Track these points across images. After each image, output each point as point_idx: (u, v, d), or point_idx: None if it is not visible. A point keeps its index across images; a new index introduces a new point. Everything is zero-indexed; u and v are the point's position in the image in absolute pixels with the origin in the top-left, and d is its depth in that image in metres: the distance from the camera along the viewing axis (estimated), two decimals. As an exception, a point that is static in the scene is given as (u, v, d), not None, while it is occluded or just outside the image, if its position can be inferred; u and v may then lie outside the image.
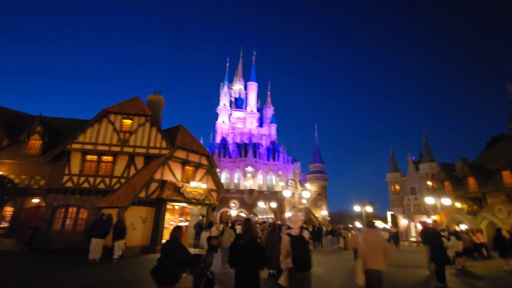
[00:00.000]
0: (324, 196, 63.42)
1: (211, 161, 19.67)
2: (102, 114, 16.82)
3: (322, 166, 65.05)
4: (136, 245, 14.90)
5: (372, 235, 5.37)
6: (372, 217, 75.71)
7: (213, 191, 19.93)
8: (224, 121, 72.54)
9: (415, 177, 34.86)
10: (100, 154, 16.46)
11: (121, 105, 17.42)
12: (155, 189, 16.09)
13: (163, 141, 17.10)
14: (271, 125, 72.15)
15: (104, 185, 16.17)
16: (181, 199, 16.66)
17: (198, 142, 19.40)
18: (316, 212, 59.39)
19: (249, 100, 73.87)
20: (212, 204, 18.78)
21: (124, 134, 16.87)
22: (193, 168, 18.72)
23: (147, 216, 15.69)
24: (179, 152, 17.56)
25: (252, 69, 78.48)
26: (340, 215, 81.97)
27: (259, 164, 59.33)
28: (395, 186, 38.69)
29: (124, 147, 16.61)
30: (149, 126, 17.29)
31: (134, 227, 15.08)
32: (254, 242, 4.58)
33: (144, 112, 17.23)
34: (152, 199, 15.82)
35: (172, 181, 16.90)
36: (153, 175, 15.93)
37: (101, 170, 16.46)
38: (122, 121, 17.14)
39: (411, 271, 11.98)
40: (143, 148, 16.81)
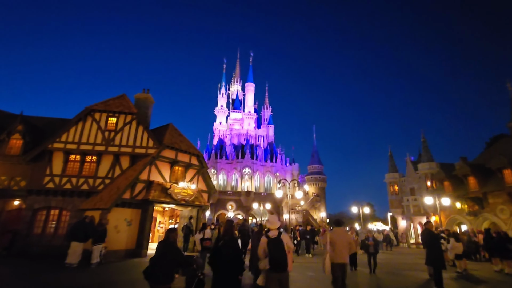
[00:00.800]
0: (323, 197, 62.64)
1: (201, 161, 18.97)
2: (85, 112, 16.14)
3: (321, 167, 64.32)
4: (120, 248, 14.16)
5: (339, 232, 6.08)
6: (373, 218, 74.86)
7: (204, 192, 19.21)
8: (221, 123, 71.91)
9: (414, 177, 34.15)
10: (83, 153, 15.76)
11: (106, 103, 16.75)
12: (141, 190, 15.37)
13: (150, 140, 16.41)
14: (269, 126, 71.51)
15: (88, 186, 15.45)
16: (169, 200, 15.94)
17: (187, 141, 18.71)
18: (314, 214, 58.57)
19: (247, 101, 73.32)
20: (202, 205, 18.06)
21: (109, 133, 16.19)
22: (182, 168, 18.01)
23: (132, 218, 14.97)
24: (167, 152, 16.86)
25: (249, 70, 78.06)
26: (339, 216, 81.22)
27: (256, 166, 58.57)
28: (394, 187, 37.94)
29: (108, 147, 15.91)
30: (135, 124, 16.61)
31: (118, 230, 14.35)
32: (232, 243, 4.67)
33: (130, 110, 16.56)
34: (137, 201, 15.10)
35: (159, 181, 16.20)
36: (139, 175, 15.22)
37: (85, 171, 15.75)
38: (107, 120, 16.44)
39: (408, 274, 11.26)
40: (128, 147, 16.12)
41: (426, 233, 8.22)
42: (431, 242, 8.03)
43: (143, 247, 14.57)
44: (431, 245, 8.03)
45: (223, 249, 4.52)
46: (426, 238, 8.14)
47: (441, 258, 7.92)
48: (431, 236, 8.09)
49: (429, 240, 8.08)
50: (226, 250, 4.51)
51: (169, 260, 4.44)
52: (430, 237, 8.07)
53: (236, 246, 4.76)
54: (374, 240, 10.50)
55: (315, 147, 65.51)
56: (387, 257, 17.51)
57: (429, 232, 8.19)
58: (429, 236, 8.08)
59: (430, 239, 8.06)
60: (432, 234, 8.18)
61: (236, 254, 4.60)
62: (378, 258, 11.09)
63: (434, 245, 7.98)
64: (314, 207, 60.00)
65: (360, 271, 11.09)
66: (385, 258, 16.51)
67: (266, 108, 76.00)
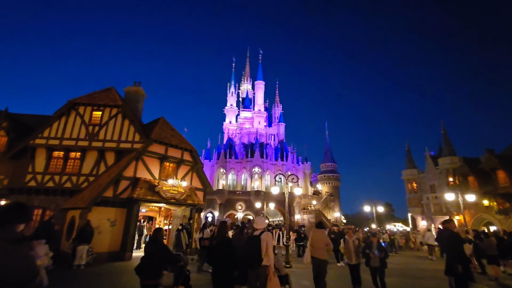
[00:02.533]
0: (337, 197, 60.00)
1: (195, 157, 17.66)
2: (68, 106, 15.24)
3: (334, 166, 61.70)
4: (102, 251, 13.03)
5: (318, 233, 6.81)
6: (392, 219, 70.89)
7: (199, 190, 17.88)
8: (231, 122, 70.91)
9: (435, 173, 31.30)
10: (66, 150, 14.86)
11: (91, 96, 15.80)
12: (125, 188, 14.24)
13: (136, 134, 15.28)
14: (280, 124, 69.71)
15: (71, 184, 14.52)
16: (156, 199, 14.71)
17: (179, 135, 17.45)
18: (328, 214, 56.13)
19: (257, 99, 71.90)
20: (196, 204, 16.73)
21: (93, 127, 15.20)
22: (174, 164, 16.77)
23: (116, 219, 13.84)
24: (155, 147, 15.67)
25: (259, 68, 76.61)
26: (356, 217, 77.93)
27: (266, 165, 56.92)
28: (412, 184, 35.09)
29: (92, 142, 14.92)
30: (121, 118, 15.54)
31: (100, 230, 13.24)
32: (225, 243, 4.95)
33: (115, 103, 15.49)
34: (122, 199, 13.97)
35: (147, 178, 15.01)
36: (123, 172, 14.10)
37: (68, 168, 14.84)
38: (92, 113, 15.47)
39: (423, 284, 9.34)
40: (113, 142, 15.05)
41: (446, 235, 6.38)
42: (452, 245, 6.19)
43: (127, 249, 13.40)
44: (452, 249, 6.20)
45: (215, 248, 4.92)
46: (445, 240, 6.30)
47: (466, 265, 6.07)
48: (452, 237, 6.24)
49: (449, 243, 6.24)
50: (218, 249, 4.86)
51: (157, 258, 4.70)
52: (451, 239, 6.23)
53: (228, 246, 4.99)
54: (380, 248, 7.23)
55: (328, 144, 62.99)
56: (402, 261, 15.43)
57: (450, 233, 6.34)
58: (450, 238, 6.24)
59: (450, 242, 6.22)
60: (453, 236, 6.34)
61: (227, 252, 4.88)
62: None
63: (455, 249, 6.13)
64: (327, 207, 57.53)
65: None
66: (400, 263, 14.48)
67: (276, 106, 74.29)
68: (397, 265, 13.45)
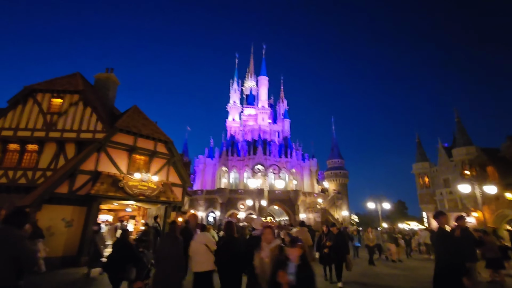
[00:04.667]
0: (345, 194, 57.18)
1: (171, 149, 15.84)
2: (25, 92, 13.69)
3: (341, 162, 58.90)
4: (55, 255, 11.32)
5: (300, 231, 8.44)
6: (405, 217, 67.43)
7: (177, 186, 16.05)
8: (234, 119, 69.16)
9: (448, 166, 28.42)
10: (22, 142, 13.29)
11: (51, 82, 14.23)
12: (84, 183, 12.54)
13: (99, 123, 13.57)
14: (284, 121, 67.45)
15: (26, 180, 12.94)
16: (121, 196, 12.96)
17: (153, 125, 15.68)
18: (335, 213, 53.47)
19: (260, 95, 69.85)
20: (172, 202, 14.89)
21: (52, 116, 13.60)
22: (145, 157, 15.01)
23: (74, 218, 12.14)
24: (122, 137, 13.93)
25: (262, 63, 74.56)
26: (369, 216, 74.65)
27: (269, 162, 54.83)
28: (423, 178, 32.23)
29: (50, 132, 13.30)
30: (82, 105, 13.85)
31: (52, 232, 11.56)
32: (232, 243, 4.90)
33: (76, 88, 13.82)
34: (79, 196, 12.27)
35: (110, 173, 13.28)
36: (82, 165, 12.42)
37: (24, 162, 13.30)
38: (51, 101, 13.87)
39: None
40: (73, 132, 13.41)
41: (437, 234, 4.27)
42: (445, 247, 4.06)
43: (86, 253, 11.66)
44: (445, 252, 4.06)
45: (222, 248, 4.90)
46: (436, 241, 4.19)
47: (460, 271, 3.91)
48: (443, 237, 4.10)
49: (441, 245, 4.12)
50: (224, 251, 4.84)
51: (122, 256, 5.64)
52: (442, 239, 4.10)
53: (235, 246, 4.88)
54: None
55: (335, 140, 60.26)
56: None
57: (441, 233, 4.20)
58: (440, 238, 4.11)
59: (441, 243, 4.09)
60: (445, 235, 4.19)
61: (234, 253, 4.76)
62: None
63: (449, 253, 3.99)
64: (335, 205, 54.84)
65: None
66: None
67: (281, 102, 72.07)
68: (403, 271, 11.18)
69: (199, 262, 5.56)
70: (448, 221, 4.49)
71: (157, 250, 5.39)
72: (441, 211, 4.62)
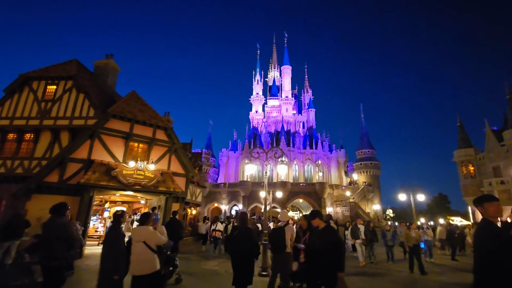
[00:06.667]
0: (377, 187, 53.13)
1: (171, 136, 14.74)
2: (20, 80, 13.32)
3: (372, 152, 54.72)
4: (46, 247, 10.78)
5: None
6: (447, 212, 61.40)
7: (179, 176, 14.97)
8: (257, 111, 67.72)
9: (499, 151, 24.25)
10: (18, 130, 12.96)
11: (46, 69, 13.76)
12: (76, 172, 11.86)
13: (91, 109, 12.78)
14: (309, 111, 64.56)
15: (22, 170, 12.55)
16: (114, 185, 12.09)
17: (152, 111, 14.66)
18: (366, 207, 49.96)
19: (284, 85, 67.55)
20: (173, 192, 13.84)
21: (46, 104, 13.09)
22: (144, 145, 14.07)
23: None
24: (117, 123, 13.08)
25: (285, 53, 71.97)
26: (406, 210, 69.37)
27: (294, 153, 52.66)
28: (468, 167, 28.08)
29: (44, 120, 12.79)
30: (75, 91, 13.16)
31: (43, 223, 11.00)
32: (246, 233, 5.08)
33: (68, 73, 13.16)
34: (71, 185, 11.60)
35: (104, 161, 12.48)
36: (72, 153, 11.74)
37: (21, 151, 12.95)
38: (46, 88, 13.38)
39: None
40: (66, 119, 12.77)
41: (479, 227, 2.38)
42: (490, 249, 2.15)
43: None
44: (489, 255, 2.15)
45: (235, 238, 5.08)
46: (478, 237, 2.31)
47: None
48: (488, 233, 2.20)
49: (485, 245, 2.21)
50: (238, 240, 5.02)
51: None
52: (487, 236, 2.19)
53: (249, 236, 5.07)
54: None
55: (364, 128, 56.12)
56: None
57: (486, 226, 2.29)
58: (485, 234, 2.21)
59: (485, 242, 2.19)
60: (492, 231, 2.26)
61: (248, 242, 4.98)
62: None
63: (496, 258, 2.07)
64: (365, 198, 51.25)
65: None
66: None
67: (306, 92, 69.10)
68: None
69: (136, 263, 4.24)
70: (500, 210, 2.49)
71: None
72: (488, 195, 2.65)
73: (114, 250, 4.51)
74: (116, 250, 4.41)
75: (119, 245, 4.55)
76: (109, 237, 4.72)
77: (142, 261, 4.34)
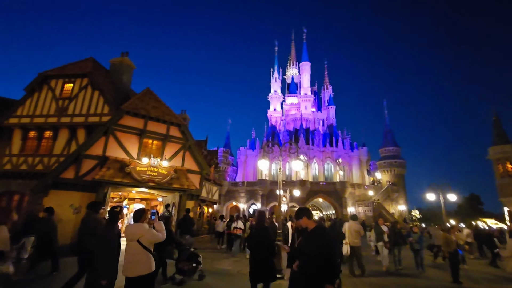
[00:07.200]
0: (402, 186, 50.64)
1: (185, 133, 14.55)
2: (39, 79, 13.67)
3: (397, 150, 52.22)
4: (63, 243, 10.87)
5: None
6: (480, 213, 57.46)
7: (193, 173, 14.75)
8: (276, 109, 66.96)
9: (542, 148, 21.97)
10: (39, 128, 13.31)
11: (63, 67, 14.04)
12: (92, 168, 11.95)
13: (106, 106, 12.84)
14: (329, 108, 62.86)
15: (42, 166, 12.86)
16: (128, 182, 12.06)
17: (165, 107, 14.54)
18: (391, 207, 47.73)
19: (302, 82, 66.21)
20: (187, 189, 13.64)
21: (63, 101, 13.33)
22: (158, 142, 13.97)
23: (81, 205, 11.61)
24: (130, 120, 13.06)
25: (303, 49, 70.51)
26: (433, 212, 65.70)
27: (313, 152, 51.44)
28: (505, 165, 25.73)
29: (61, 117, 13.02)
30: (91, 88, 13.28)
31: (60, 218, 11.10)
32: (263, 232, 5.12)
33: (84, 71, 13.30)
34: (86, 182, 11.69)
35: (119, 158, 12.48)
36: (88, 150, 11.83)
37: (42, 148, 13.27)
38: (63, 86, 13.64)
39: None
40: (82, 117, 12.92)
41: None
42: None
43: (92, 241, 11.01)
44: None
45: (254, 236, 5.19)
46: None
47: None
48: None
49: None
50: (256, 237, 5.09)
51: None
52: None
53: (266, 234, 5.11)
54: None
55: (388, 125, 53.69)
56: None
57: None
58: None
59: None
60: None
61: (265, 239, 5.02)
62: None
63: None
64: (389, 198, 48.98)
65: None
66: None
67: (325, 89, 67.38)
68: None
69: (129, 264, 3.86)
70: None
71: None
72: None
73: (105, 250, 4.15)
74: (106, 251, 4.02)
75: (108, 246, 4.15)
76: (100, 236, 4.34)
77: (136, 262, 3.94)
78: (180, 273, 6.57)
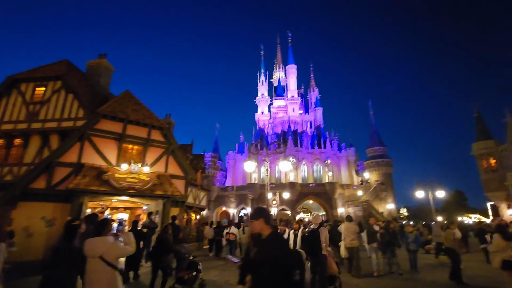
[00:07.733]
0: (390, 185, 51.15)
1: (167, 136, 13.89)
2: (7, 82, 12.73)
3: (383, 149, 52.82)
4: (33, 259, 9.96)
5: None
6: (465, 209, 58.69)
7: (178, 179, 14.07)
8: (263, 112, 66.77)
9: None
10: (7, 135, 12.34)
11: (34, 70, 13.16)
12: (65, 177, 11.11)
13: (80, 109, 12.04)
14: (316, 110, 63.22)
15: (12, 176, 11.88)
16: (106, 190, 11.26)
17: (146, 110, 13.85)
18: (380, 207, 48.06)
19: (289, 85, 66.48)
20: (171, 196, 12.93)
21: (34, 106, 12.43)
22: (138, 146, 13.24)
23: (55, 217, 10.73)
24: (108, 124, 12.31)
25: (289, 52, 70.99)
26: (421, 209, 66.76)
27: (302, 154, 51.35)
28: (488, 160, 26.28)
29: (32, 123, 12.11)
30: (64, 92, 12.46)
31: (31, 232, 10.27)
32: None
33: (56, 73, 12.48)
34: (60, 191, 10.83)
35: (95, 164, 11.67)
36: (60, 157, 10.98)
37: (11, 157, 12.29)
38: (35, 90, 12.74)
39: None
40: (54, 122, 12.06)
41: None
42: None
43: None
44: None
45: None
46: None
47: None
48: None
49: None
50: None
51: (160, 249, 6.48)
52: None
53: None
54: None
55: (374, 125, 54.33)
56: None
57: None
58: None
59: None
60: None
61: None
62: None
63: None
64: (378, 197, 49.33)
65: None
66: None
67: (312, 91, 67.81)
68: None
69: (92, 284, 3.26)
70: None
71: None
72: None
73: (63, 271, 3.51)
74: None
75: (68, 265, 3.51)
76: (57, 254, 3.66)
77: (99, 282, 3.37)
78: (180, 282, 6.30)
